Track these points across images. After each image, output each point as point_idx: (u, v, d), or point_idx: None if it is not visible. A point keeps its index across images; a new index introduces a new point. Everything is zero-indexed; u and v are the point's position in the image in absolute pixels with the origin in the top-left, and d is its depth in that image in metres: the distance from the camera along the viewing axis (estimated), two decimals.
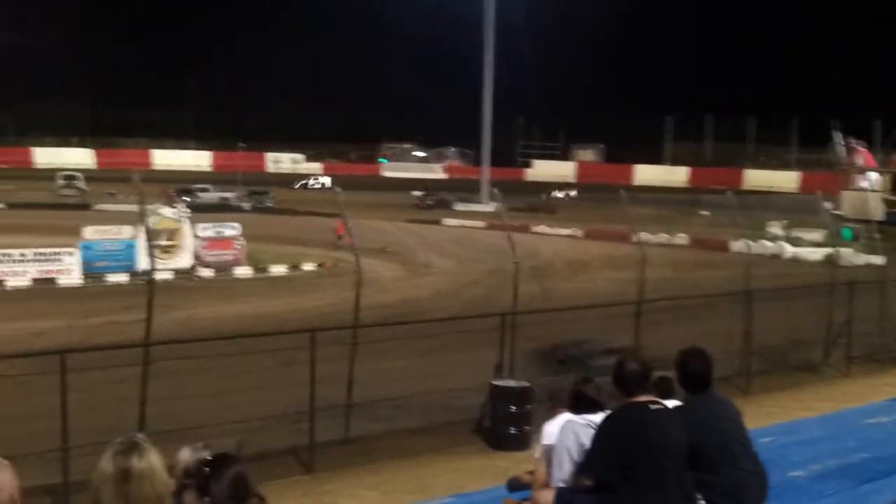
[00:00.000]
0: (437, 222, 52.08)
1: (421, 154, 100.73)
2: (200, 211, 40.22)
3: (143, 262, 28.51)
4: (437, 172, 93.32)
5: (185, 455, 4.34)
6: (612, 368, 5.62)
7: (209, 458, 3.88)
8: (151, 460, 3.46)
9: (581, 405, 6.13)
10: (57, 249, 29.38)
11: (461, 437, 12.50)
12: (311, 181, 75.58)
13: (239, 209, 52.23)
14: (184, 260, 31.16)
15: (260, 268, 32.35)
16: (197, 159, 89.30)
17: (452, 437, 12.44)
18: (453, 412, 13.02)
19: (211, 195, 56.57)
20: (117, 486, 3.39)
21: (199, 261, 31.63)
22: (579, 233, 46.24)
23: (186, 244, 31.52)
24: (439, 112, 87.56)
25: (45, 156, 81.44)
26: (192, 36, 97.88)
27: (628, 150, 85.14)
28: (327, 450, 11.62)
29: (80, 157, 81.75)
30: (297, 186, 72.21)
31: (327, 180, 73.31)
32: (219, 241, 32.43)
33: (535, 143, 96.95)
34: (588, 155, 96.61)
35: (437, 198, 64.32)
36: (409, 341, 15.56)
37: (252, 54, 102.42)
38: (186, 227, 31.85)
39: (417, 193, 65.58)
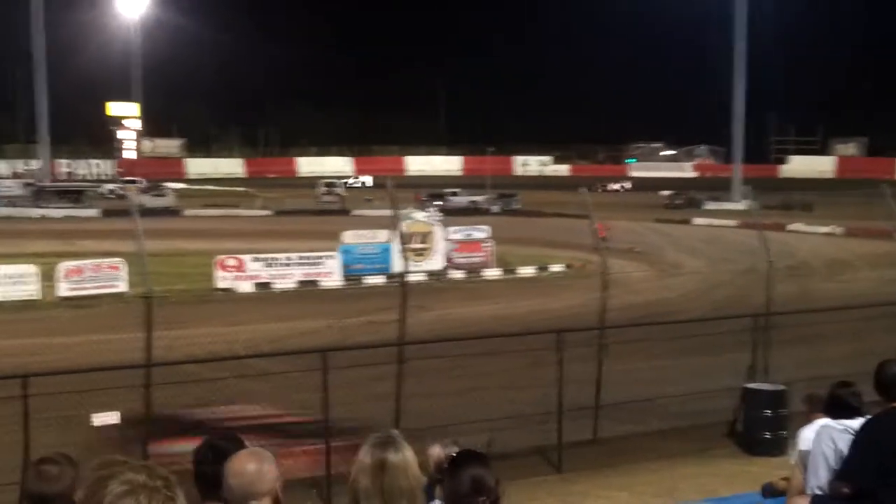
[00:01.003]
0: (686, 222, 50.94)
1: (670, 153, 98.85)
2: (451, 214, 41.27)
3: (397, 265, 29.64)
4: (686, 171, 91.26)
5: (437, 451, 4.48)
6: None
7: (456, 454, 3.97)
8: (406, 454, 3.60)
9: (839, 410, 5.88)
10: (319, 253, 31.04)
11: (712, 440, 12.22)
12: (351, 180, 74.42)
13: (487, 212, 53.19)
14: (436, 262, 32.06)
15: (509, 269, 32.82)
16: (448, 164, 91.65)
17: (703, 440, 12.18)
18: (704, 415, 12.74)
19: (460, 199, 57.91)
20: (374, 477, 3.54)
21: (450, 263, 32.46)
22: (839, 230, 43.92)
23: (438, 247, 32.42)
24: (689, 110, 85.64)
25: (308, 164, 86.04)
26: (444, 45, 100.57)
27: (892, 143, 79.92)
28: (575, 450, 11.66)
29: (339, 165, 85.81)
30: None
31: (368, 179, 72.73)
32: (469, 244, 33.18)
33: (790, 139, 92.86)
34: (849, 149, 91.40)
35: (687, 196, 62.89)
36: (657, 343, 15.32)
37: (501, 59, 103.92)
38: (438, 231, 32.76)
39: (666, 193, 64.40)
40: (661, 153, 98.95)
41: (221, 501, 3.49)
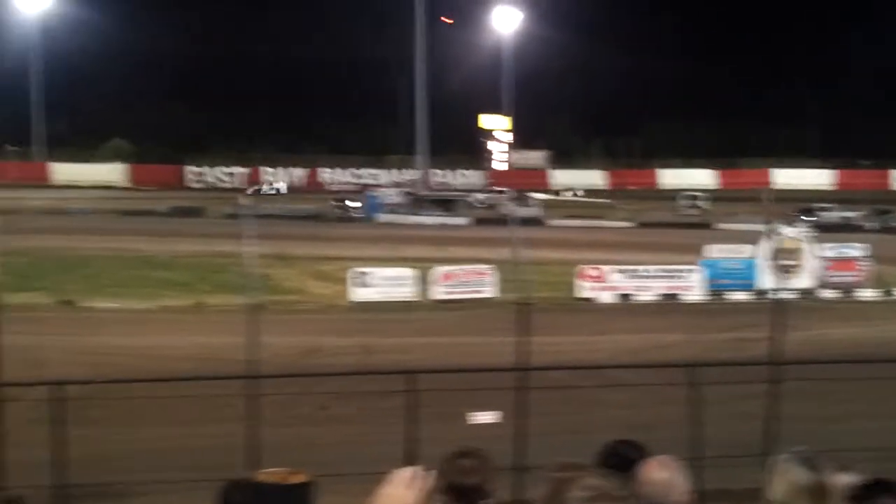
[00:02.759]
0: None
1: None
2: (822, 230, 39.18)
3: (764, 281, 28.65)
4: None
5: (841, 479, 4.27)
6: None
7: (864, 483, 3.74)
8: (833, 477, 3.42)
9: None
10: (680, 267, 30.68)
11: None
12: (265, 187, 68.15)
13: (861, 229, 49.89)
14: (805, 280, 30.60)
15: (886, 290, 30.62)
16: (819, 178, 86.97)
17: None
18: None
19: (832, 214, 54.78)
20: (816, 499, 3.40)
21: (821, 281, 30.84)
22: None
23: (808, 264, 30.92)
24: None
25: (669, 177, 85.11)
26: (818, 52, 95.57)
27: None
28: None
29: (702, 178, 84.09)
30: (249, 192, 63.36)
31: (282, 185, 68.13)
32: (842, 262, 31.34)
33: None
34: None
35: None
36: None
37: (880, 67, 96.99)
38: (809, 247, 31.26)
39: None
40: None
41: None
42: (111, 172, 73.39)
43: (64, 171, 71.25)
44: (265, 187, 65.04)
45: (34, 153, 71.73)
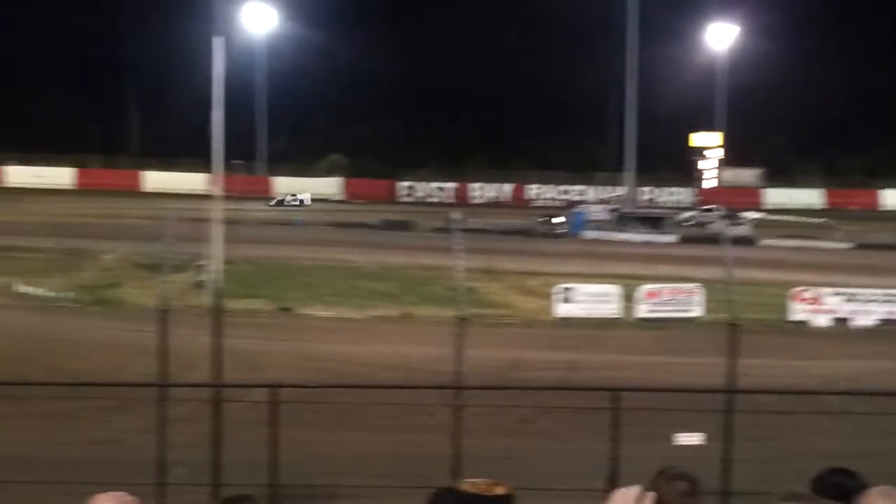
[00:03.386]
0: None
1: None
2: None
3: None
4: None
5: None
6: None
7: None
8: None
9: None
10: None
11: None
12: (289, 198, 66.19)
13: None
14: None
15: None
16: None
17: None
18: None
19: None
20: None
21: None
22: None
23: None
24: None
25: (893, 197, 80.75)
26: None
27: None
28: None
29: None
30: (272, 204, 64.33)
31: (306, 196, 65.65)
32: None
33: None
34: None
35: None
36: None
37: None
38: None
39: None
40: None
41: None
42: (327, 186, 76.50)
43: (284, 185, 74.83)
44: (289, 198, 65.16)
45: (258, 168, 75.70)
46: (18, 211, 51.01)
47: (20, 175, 71.75)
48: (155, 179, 73.76)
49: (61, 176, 72.36)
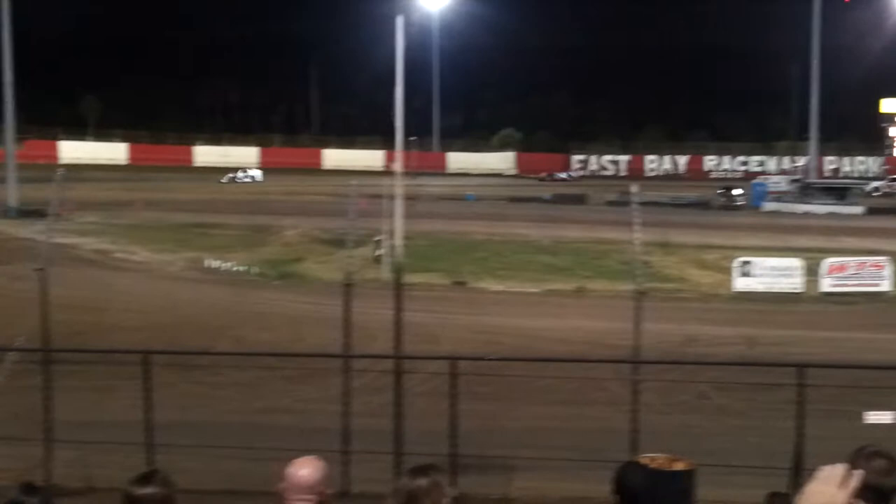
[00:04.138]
0: None
1: None
2: None
3: None
4: None
5: None
6: None
7: None
8: None
9: None
10: None
11: None
12: (240, 174, 63.98)
13: None
14: None
15: None
16: None
17: None
18: None
19: None
20: None
21: None
22: None
23: None
24: None
25: None
26: None
27: None
28: None
29: None
30: (224, 181, 61.62)
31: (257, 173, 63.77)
32: None
33: None
34: None
35: None
36: None
37: None
38: None
39: None
40: None
41: None
42: (500, 161, 76.77)
43: (458, 160, 75.58)
44: (240, 174, 64.40)
45: (432, 144, 76.68)
46: (207, 189, 53.50)
47: (208, 155, 75.19)
48: (334, 157, 75.88)
49: (246, 155, 75.43)
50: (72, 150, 69.56)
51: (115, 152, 72.87)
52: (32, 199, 38.16)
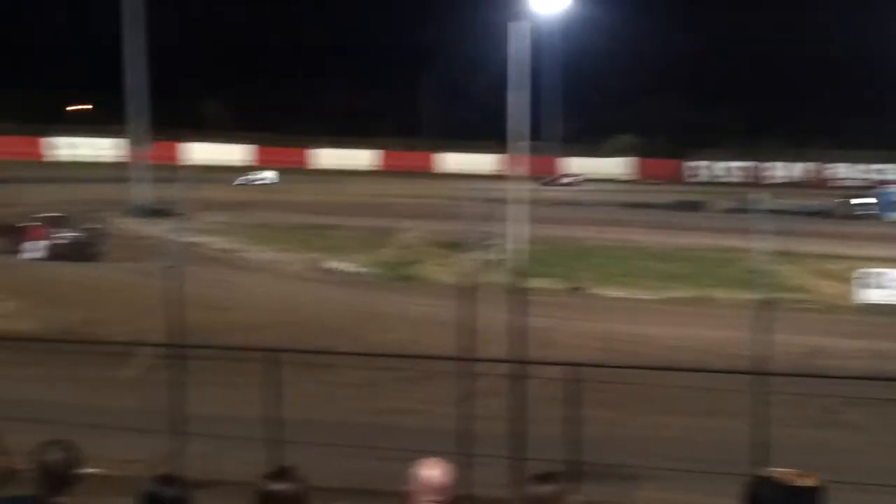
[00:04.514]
0: None
1: None
2: None
3: None
4: None
5: None
6: None
7: None
8: None
9: None
10: None
11: None
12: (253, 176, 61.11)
13: None
14: None
15: None
16: None
17: None
18: None
19: None
20: None
21: None
22: None
23: None
24: None
25: None
26: None
27: None
28: None
29: None
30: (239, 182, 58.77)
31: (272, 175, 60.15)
32: None
33: None
34: None
35: None
36: None
37: None
38: None
39: None
40: None
41: None
42: (617, 166, 76.04)
43: (573, 165, 75.14)
44: (250, 176, 61.48)
45: (547, 148, 76.34)
46: (327, 192, 54.48)
47: (328, 158, 76.47)
48: (450, 161, 76.28)
49: (364, 158, 76.43)
50: (197, 152, 71.58)
51: (238, 154, 74.70)
52: (158, 199, 39.53)
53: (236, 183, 58.95)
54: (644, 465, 10.89)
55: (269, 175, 62.20)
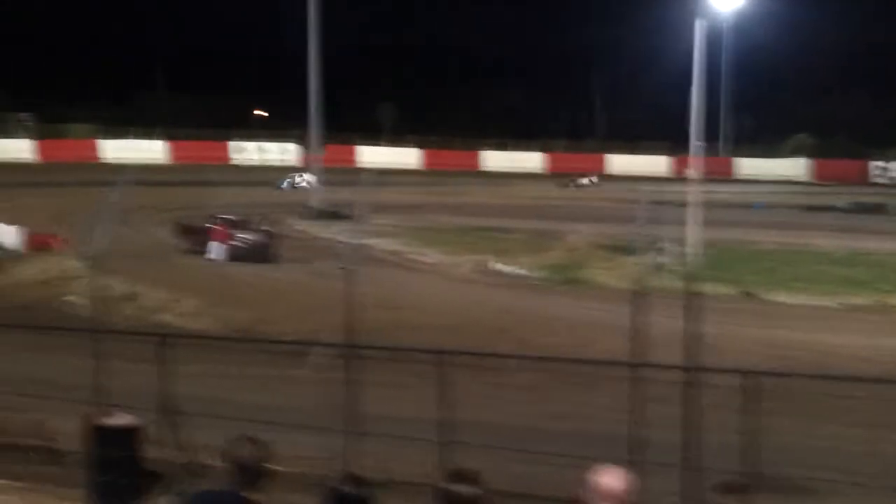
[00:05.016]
0: None
1: None
2: None
3: None
4: None
5: None
6: None
7: None
8: None
9: None
10: None
11: None
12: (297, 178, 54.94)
13: None
14: None
15: None
16: None
17: None
18: None
19: None
20: None
21: None
22: None
23: None
24: None
25: None
26: None
27: None
28: None
29: None
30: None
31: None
32: None
33: None
34: None
35: None
36: None
37: None
38: None
39: None
40: None
41: None
42: (792, 167, 73.41)
43: (747, 166, 72.96)
44: (297, 178, 56.42)
45: (720, 149, 74.35)
46: (494, 194, 54.73)
47: (496, 160, 76.82)
48: (618, 162, 75.30)
49: (531, 160, 76.36)
50: (368, 155, 73.10)
51: (408, 157, 75.87)
52: (331, 201, 40.62)
53: (279, 187, 56.18)
54: (819, 477, 10.46)
55: (308, 178, 54.64)
